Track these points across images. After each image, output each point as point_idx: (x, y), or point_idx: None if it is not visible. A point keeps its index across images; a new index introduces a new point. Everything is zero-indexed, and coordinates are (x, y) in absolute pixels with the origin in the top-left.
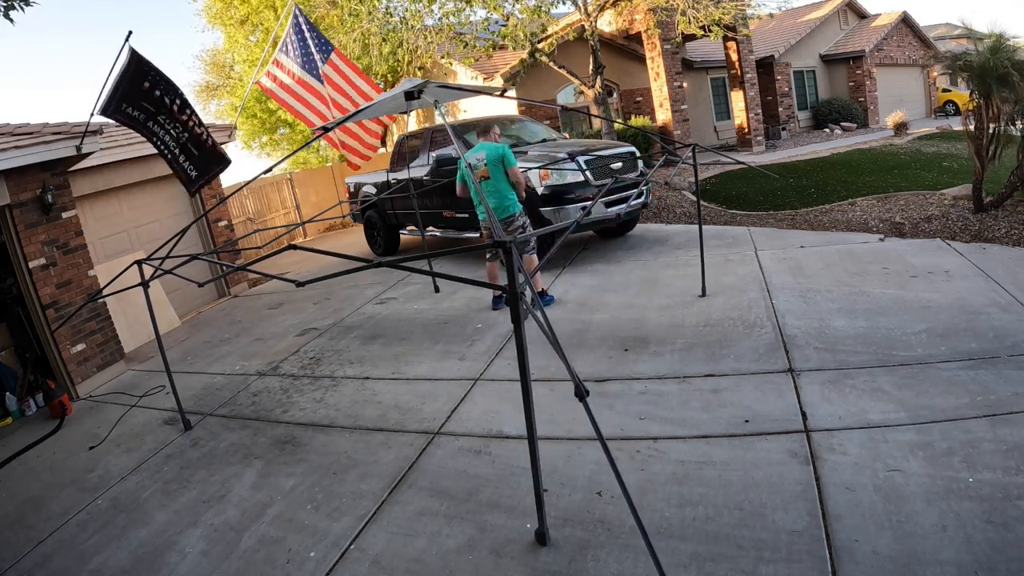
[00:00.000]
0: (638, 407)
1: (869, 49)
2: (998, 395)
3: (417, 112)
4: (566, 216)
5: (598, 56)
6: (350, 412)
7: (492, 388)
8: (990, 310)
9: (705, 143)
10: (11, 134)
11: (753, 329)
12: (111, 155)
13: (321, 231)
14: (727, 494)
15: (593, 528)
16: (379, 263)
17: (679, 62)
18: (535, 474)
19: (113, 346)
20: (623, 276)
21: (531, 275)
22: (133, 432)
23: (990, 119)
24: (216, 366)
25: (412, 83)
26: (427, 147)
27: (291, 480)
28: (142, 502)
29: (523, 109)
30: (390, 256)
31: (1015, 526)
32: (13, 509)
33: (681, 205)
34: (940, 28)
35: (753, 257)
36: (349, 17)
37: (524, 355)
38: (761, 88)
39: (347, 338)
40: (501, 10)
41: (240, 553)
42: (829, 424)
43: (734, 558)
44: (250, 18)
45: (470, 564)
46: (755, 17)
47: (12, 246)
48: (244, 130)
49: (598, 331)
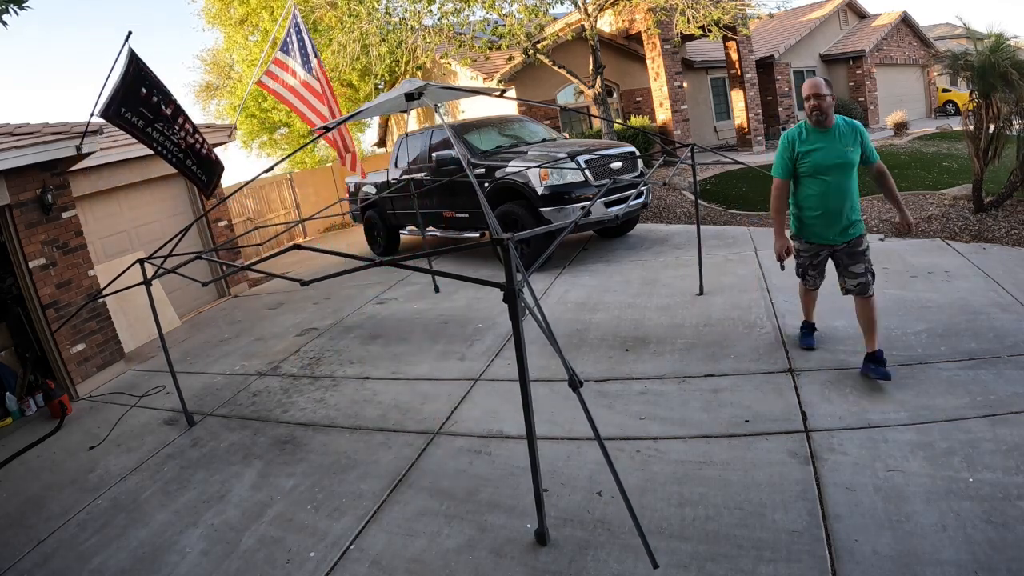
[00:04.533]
0: (638, 407)
1: (869, 49)
2: (998, 395)
3: (417, 112)
4: (566, 216)
5: (598, 56)
6: (350, 412)
7: (492, 388)
8: (990, 310)
9: (705, 143)
10: (11, 134)
11: (753, 329)
12: (111, 155)
13: (321, 231)
14: (727, 494)
15: (593, 528)
16: (380, 262)
17: (679, 62)
18: (535, 474)
19: (113, 346)
20: (623, 276)
21: (870, 324)
22: (133, 432)
23: (990, 119)
24: (216, 366)
25: (412, 84)
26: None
27: (291, 480)
28: (142, 502)
29: (523, 109)
30: (390, 256)
31: (1015, 526)
32: (13, 509)
33: (681, 205)
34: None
35: (753, 257)
36: (348, 18)
37: (523, 354)
38: (761, 88)
39: (347, 338)
40: (500, 10)
41: (240, 553)
42: (829, 424)
43: (734, 558)
44: (249, 18)
45: (470, 564)
46: (755, 17)
47: (12, 246)
48: (243, 130)
49: (598, 331)
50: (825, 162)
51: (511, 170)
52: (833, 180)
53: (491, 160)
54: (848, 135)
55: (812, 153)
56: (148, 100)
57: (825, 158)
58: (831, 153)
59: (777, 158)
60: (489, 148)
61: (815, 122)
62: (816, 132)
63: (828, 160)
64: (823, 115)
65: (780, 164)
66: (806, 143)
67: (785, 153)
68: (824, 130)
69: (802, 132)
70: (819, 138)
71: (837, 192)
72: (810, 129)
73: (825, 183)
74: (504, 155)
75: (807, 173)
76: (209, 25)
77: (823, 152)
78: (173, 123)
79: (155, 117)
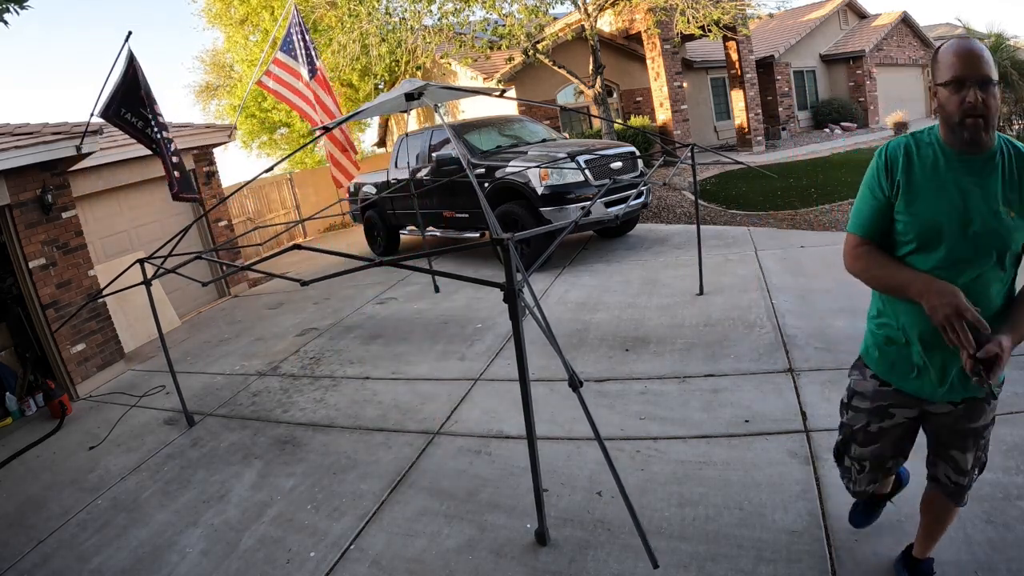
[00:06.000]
0: (638, 407)
1: (869, 49)
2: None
3: (417, 112)
4: (566, 216)
5: (598, 56)
6: (350, 412)
7: (492, 388)
8: None
9: (705, 143)
10: (11, 134)
11: (753, 329)
12: (111, 155)
13: (321, 231)
14: (727, 494)
15: (593, 528)
16: (380, 262)
17: (679, 62)
18: (535, 474)
19: (113, 346)
20: (623, 276)
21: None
22: (133, 432)
23: None
24: (216, 366)
25: (412, 84)
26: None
27: (291, 480)
28: (142, 502)
29: (523, 109)
30: (390, 256)
31: (1015, 526)
32: (13, 509)
33: (681, 205)
34: (940, 28)
35: (753, 257)
36: (348, 18)
37: (523, 354)
38: (761, 88)
39: (347, 338)
40: (500, 10)
41: (240, 553)
42: (829, 424)
43: (734, 558)
44: (249, 18)
45: (470, 564)
46: (755, 17)
47: (12, 246)
48: (243, 130)
49: (598, 331)
50: (955, 224)
51: (511, 170)
52: (965, 268)
53: (491, 160)
54: (1014, 176)
55: (928, 200)
56: (145, 102)
57: (958, 216)
58: (975, 208)
59: (860, 195)
60: (489, 148)
61: (966, 140)
62: (953, 157)
63: (962, 221)
64: (982, 129)
65: (863, 207)
66: (922, 175)
67: (875, 184)
68: (971, 156)
69: (915, 149)
70: (956, 170)
71: (969, 295)
72: (941, 147)
73: (948, 271)
74: (504, 155)
75: (910, 241)
76: (209, 25)
77: (956, 201)
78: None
79: (152, 118)
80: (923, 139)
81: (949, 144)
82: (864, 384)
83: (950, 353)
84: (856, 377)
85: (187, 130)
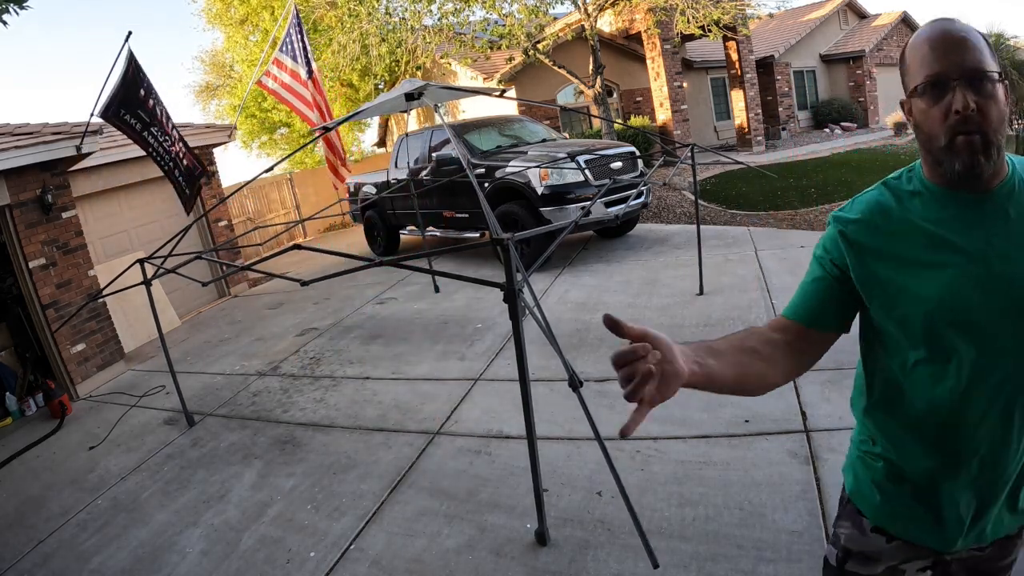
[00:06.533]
0: None
1: (869, 49)
2: None
3: (417, 112)
4: (566, 216)
5: (598, 56)
6: (350, 412)
7: (492, 388)
8: None
9: (705, 143)
10: (11, 134)
11: None
12: (111, 155)
13: (321, 231)
14: (727, 494)
15: (593, 528)
16: (380, 262)
17: (679, 62)
18: (535, 474)
19: (113, 346)
20: (623, 276)
21: None
22: (133, 432)
23: None
24: (216, 366)
25: (412, 84)
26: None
27: (291, 480)
28: (142, 502)
29: (523, 109)
30: (390, 256)
31: None
32: (13, 509)
33: (681, 205)
34: None
35: (753, 257)
36: (348, 18)
37: (523, 354)
38: (761, 88)
39: (347, 338)
40: (500, 10)
41: (240, 553)
42: (829, 424)
43: (734, 558)
44: (249, 18)
45: (470, 564)
46: (755, 17)
47: (12, 246)
48: (243, 130)
49: (598, 331)
50: (970, 303)
51: (511, 170)
52: (987, 361)
53: (491, 160)
54: None
55: (921, 269)
56: (145, 103)
57: (970, 293)
58: (998, 276)
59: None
60: (489, 148)
61: (959, 173)
62: (945, 197)
63: (979, 296)
64: (979, 150)
65: (803, 288)
66: (906, 234)
67: (823, 256)
68: (979, 195)
69: (894, 200)
70: (955, 217)
71: (996, 409)
72: (931, 191)
73: (969, 371)
74: (504, 155)
75: (905, 334)
76: (209, 25)
77: (966, 267)
78: (165, 128)
79: (151, 121)
80: (903, 188)
81: (938, 183)
82: (866, 542)
83: (987, 489)
84: (848, 531)
85: (187, 130)
